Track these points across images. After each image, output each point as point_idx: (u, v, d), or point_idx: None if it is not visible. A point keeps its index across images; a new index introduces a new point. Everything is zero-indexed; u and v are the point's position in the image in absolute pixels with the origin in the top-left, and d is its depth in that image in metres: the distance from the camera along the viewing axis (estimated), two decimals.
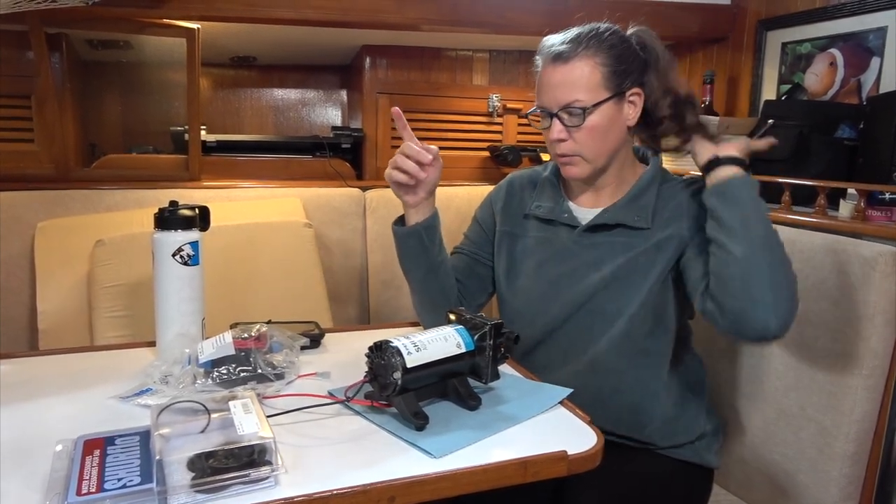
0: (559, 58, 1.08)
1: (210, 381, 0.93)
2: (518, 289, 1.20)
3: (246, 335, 1.01)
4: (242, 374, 0.94)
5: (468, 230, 1.32)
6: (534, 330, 1.16)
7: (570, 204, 1.19)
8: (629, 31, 1.12)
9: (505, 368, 1.07)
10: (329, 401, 0.91)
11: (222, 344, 0.97)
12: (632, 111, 1.11)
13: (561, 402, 0.94)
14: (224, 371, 0.94)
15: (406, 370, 0.83)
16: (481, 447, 0.81)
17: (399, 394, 0.84)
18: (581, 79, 1.07)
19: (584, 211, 1.18)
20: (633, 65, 1.09)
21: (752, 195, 1.02)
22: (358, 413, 0.89)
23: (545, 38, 1.13)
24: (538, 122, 1.15)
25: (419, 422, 0.83)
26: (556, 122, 1.09)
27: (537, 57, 1.13)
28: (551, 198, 1.21)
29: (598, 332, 1.11)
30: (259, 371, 0.95)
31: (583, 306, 1.12)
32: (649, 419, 1.13)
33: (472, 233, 1.30)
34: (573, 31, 1.10)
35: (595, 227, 1.14)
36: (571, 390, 0.95)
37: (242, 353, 0.97)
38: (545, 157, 2.04)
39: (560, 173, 1.20)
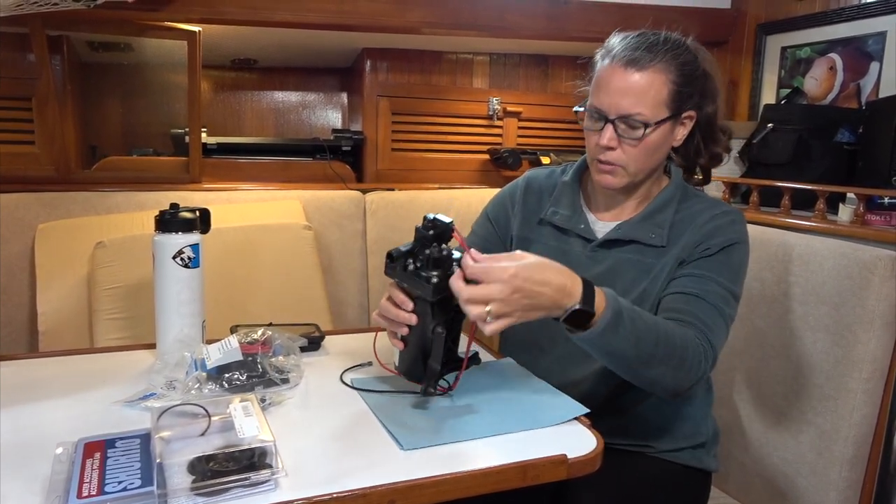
0: (633, 63, 1.01)
1: (219, 388, 0.92)
2: None
3: (251, 339, 1.01)
4: (252, 380, 0.95)
5: (476, 226, 1.28)
6: (538, 338, 1.15)
7: (589, 215, 1.16)
8: (693, 49, 1.07)
9: (520, 371, 1.08)
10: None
11: (229, 349, 0.97)
12: (681, 133, 1.08)
13: None
14: (235, 377, 0.94)
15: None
16: (481, 450, 0.81)
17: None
18: (649, 92, 1.01)
19: (602, 224, 1.14)
20: (696, 87, 1.06)
21: (605, 342, 0.91)
22: (366, 407, 0.89)
23: (614, 36, 1.07)
24: (583, 120, 1.09)
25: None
26: (609, 128, 1.04)
27: (600, 53, 1.08)
28: (569, 206, 1.17)
29: None
30: (267, 376, 0.96)
31: None
32: (652, 424, 1.12)
33: (482, 229, 1.26)
34: (648, 37, 1.04)
35: (609, 242, 1.11)
36: (588, 410, 0.92)
37: (250, 359, 0.97)
38: (545, 160, 2.04)
39: (581, 180, 1.18)
